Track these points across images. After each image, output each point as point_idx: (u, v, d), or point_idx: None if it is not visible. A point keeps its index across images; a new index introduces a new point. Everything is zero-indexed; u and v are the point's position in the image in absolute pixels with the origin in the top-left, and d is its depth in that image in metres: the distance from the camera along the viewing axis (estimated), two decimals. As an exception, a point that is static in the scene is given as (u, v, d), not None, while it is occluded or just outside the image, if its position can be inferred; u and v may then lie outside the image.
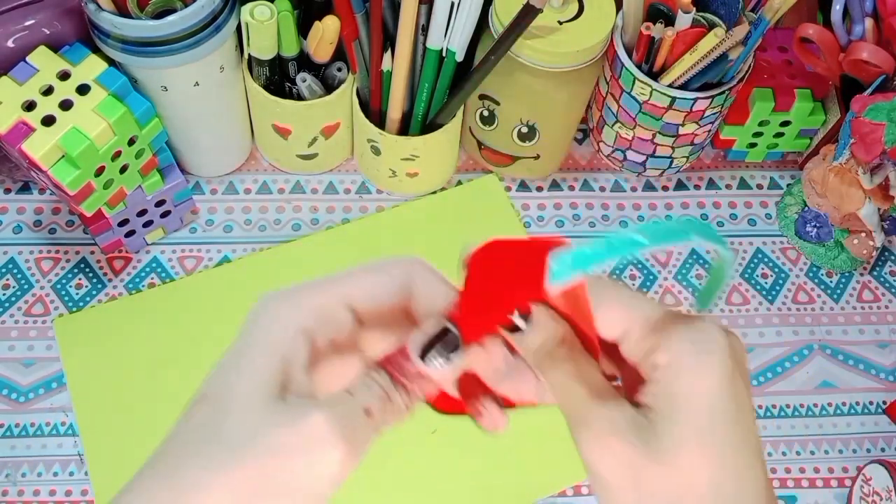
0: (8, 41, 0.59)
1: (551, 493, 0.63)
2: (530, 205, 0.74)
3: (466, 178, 0.75)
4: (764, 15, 0.60)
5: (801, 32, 0.66)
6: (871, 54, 0.63)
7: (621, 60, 0.65)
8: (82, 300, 0.68)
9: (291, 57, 0.65)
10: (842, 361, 0.69)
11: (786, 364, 0.69)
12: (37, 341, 0.66)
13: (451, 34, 0.61)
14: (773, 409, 0.67)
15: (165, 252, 0.70)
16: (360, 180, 0.74)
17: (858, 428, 0.67)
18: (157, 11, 0.58)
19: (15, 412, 0.63)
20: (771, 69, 0.71)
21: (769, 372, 0.69)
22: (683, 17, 0.61)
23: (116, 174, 0.61)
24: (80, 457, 0.62)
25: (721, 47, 0.61)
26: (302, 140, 0.70)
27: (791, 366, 0.69)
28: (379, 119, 0.68)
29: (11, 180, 0.72)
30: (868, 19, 0.65)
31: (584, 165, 0.76)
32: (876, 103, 0.61)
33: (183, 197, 0.68)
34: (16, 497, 0.61)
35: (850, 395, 0.68)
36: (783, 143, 0.75)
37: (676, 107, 0.65)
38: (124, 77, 0.59)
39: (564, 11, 0.63)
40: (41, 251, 0.70)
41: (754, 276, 0.72)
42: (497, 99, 0.67)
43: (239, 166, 0.74)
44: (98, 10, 0.57)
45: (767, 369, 0.69)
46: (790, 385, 0.68)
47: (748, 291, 0.72)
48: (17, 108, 0.57)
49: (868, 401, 0.68)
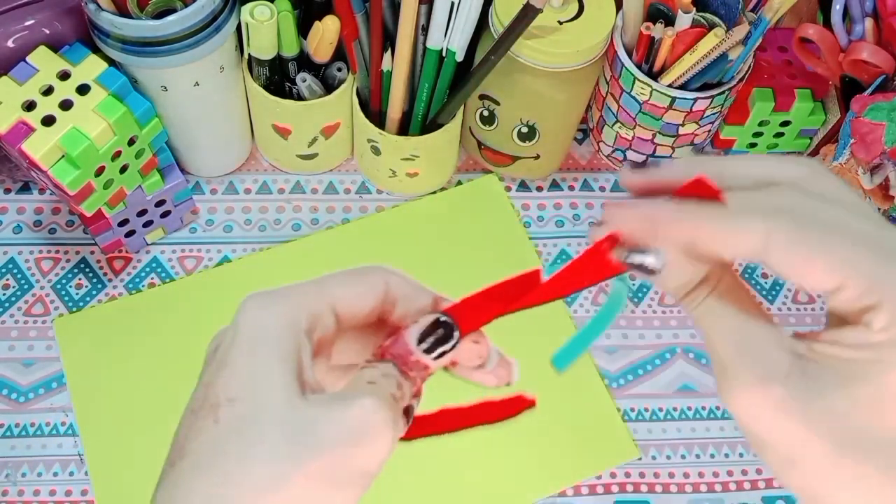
0: (8, 41, 0.59)
1: (551, 493, 0.63)
2: (530, 205, 0.74)
3: (466, 178, 0.75)
4: (764, 15, 0.60)
5: (801, 32, 0.66)
6: (871, 54, 0.63)
7: (621, 60, 0.65)
8: (82, 300, 0.68)
9: (291, 57, 0.65)
10: (842, 361, 0.69)
11: (786, 364, 0.69)
12: (37, 341, 0.66)
13: (451, 34, 0.61)
14: (773, 409, 0.67)
15: (165, 252, 0.70)
16: (360, 180, 0.74)
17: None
18: (157, 11, 0.58)
19: (15, 412, 0.63)
20: (771, 69, 0.71)
21: (769, 372, 0.69)
22: (683, 17, 0.61)
23: (116, 174, 0.61)
24: (80, 457, 0.62)
25: (721, 47, 0.61)
26: (302, 140, 0.70)
27: (791, 366, 0.69)
28: (379, 119, 0.68)
29: (11, 180, 0.72)
30: (868, 19, 0.65)
31: (584, 165, 0.76)
32: (876, 103, 0.61)
33: (183, 197, 0.68)
34: (16, 497, 0.61)
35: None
36: (783, 143, 0.75)
37: (676, 107, 0.65)
38: (124, 77, 0.59)
39: (564, 11, 0.63)
40: (41, 251, 0.70)
41: (754, 276, 0.72)
42: (497, 99, 0.67)
43: (239, 166, 0.74)
44: (98, 10, 0.57)
45: (767, 369, 0.69)
46: (790, 385, 0.68)
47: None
48: (17, 108, 0.57)
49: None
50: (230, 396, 0.30)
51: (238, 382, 0.30)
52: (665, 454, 0.65)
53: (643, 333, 0.69)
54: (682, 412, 0.66)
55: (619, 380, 0.67)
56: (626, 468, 0.64)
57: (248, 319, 0.31)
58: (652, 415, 0.66)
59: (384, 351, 0.32)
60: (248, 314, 0.31)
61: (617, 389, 0.67)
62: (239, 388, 0.30)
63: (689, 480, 0.64)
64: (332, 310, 0.32)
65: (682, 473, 0.64)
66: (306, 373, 0.30)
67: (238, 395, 0.29)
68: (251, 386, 0.30)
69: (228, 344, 0.31)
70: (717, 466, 0.65)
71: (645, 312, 0.70)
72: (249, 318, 0.31)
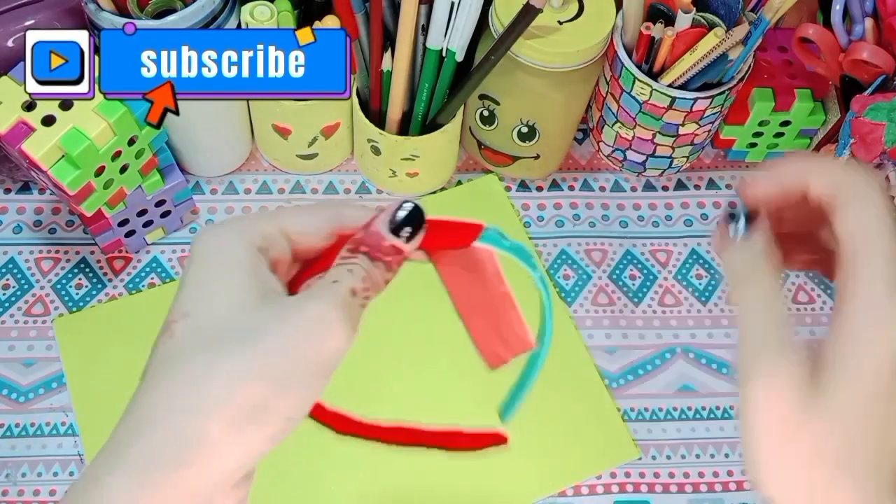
0: (8, 41, 0.59)
1: (551, 493, 0.63)
2: (530, 204, 0.74)
3: (466, 178, 0.75)
4: (764, 15, 0.60)
5: (801, 32, 0.66)
6: (871, 54, 0.63)
7: (621, 60, 0.65)
8: (82, 300, 0.68)
9: (291, 57, 0.65)
10: (842, 361, 0.69)
11: (786, 364, 0.69)
12: (37, 341, 0.66)
13: (451, 34, 0.61)
14: (773, 409, 0.67)
15: (165, 252, 0.70)
16: (360, 180, 0.74)
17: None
18: (157, 11, 0.58)
19: (15, 412, 0.63)
20: (771, 69, 0.71)
21: (769, 372, 0.69)
22: (683, 17, 0.61)
23: (116, 174, 0.61)
24: (80, 457, 0.62)
25: (721, 47, 0.61)
26: (302, 140, 0.70)
27: (791, 366, 0.69)
28: (379, 119, 0.68)
29: (11, 180, 0.72)
30: (868, 19, 0.65)
31: (584, 165, 0.76)
32: (876, 103, 0.61)
33: (183, 197, 0.68)
34: (16, 497, 0.61)
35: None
36: (783, 143, 0.75)
37: (676, 107, 0.65)
38: (124, 77, 0.59)
39: (564, 11, 0.63)
40: (41, 251, 0.70)
41: (754, 276, 0.72)
42: (497, 99, 0.67)
43: (239, 166, 0.74)
44: (98, 10, 0.57)
45: (767, 369, 0.69)
46: (790, 385, 0.68)
47: (748, 291, 0.72)
48: (17, 108, 0.57)
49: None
50: (184, 312, 0.31)
51: (191, 296, 0.31)
52: (665, 454, 0.65)
53: (643, 333, 0.69)
54: (682, 412, 0.66)
55: (619, 380, 0.67)
56: (626, 468, 0.64)
57: (200, 242, 0.32)
58: (652, 415, 0.66)
59: (357, 243, 0.33)
60: (201, 238, 0.32)
61: (617, 389, 0.67)
62: (192, 302, 0.31)
63: (689, 480, 0.64)
64: (285, 233, 0.33)
65: (682, 473, 0.64)
66: (270, 282, 0.31)
67: (192, 309, 0.30)
68: (203, 297, 0.31)
69: (185, 269, 0.32)
70: (717, 466, 0.65)
71: (645, 312, 0.70)
72: (202, 240, 0.32)
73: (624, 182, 0.76)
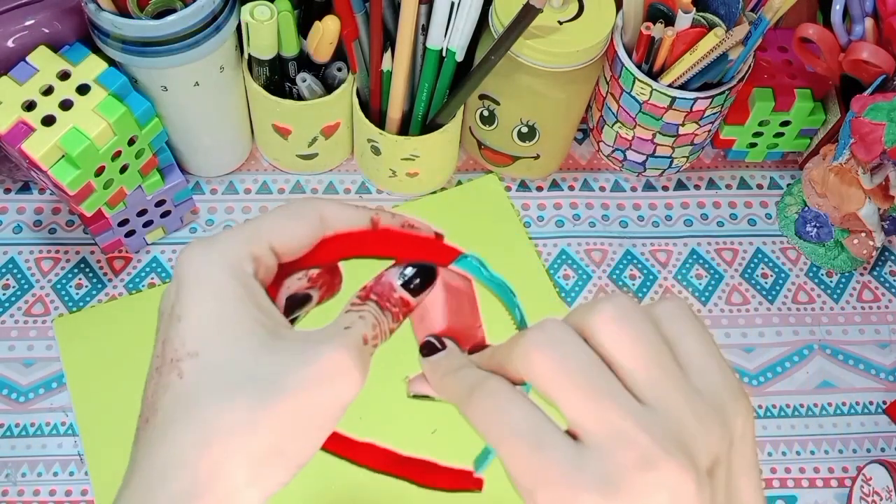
0: (8, 41, 0.59)
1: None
2: (530, 204, 0.74)
3: (466, 178, 0.75)
4: (764, 15, 0.60)
5: (801, 32, 0.66)
6: (871, 54, 0.63)
7: (621, 60, 0.65)
8: (82, 300, 0.68)
9: (291, 57, 0.65)
10: (842, 361, 0.69)
11: (786, 364, 0.69)
12: (37, 341, 0.66)
13: (451, 34, 0.61)
14: (774, 409, 0.67)
15: (165, 252, 0.70)
16: (360, 180, 0.74)
17: (858, 428, 0.67)
18: (157, 11, 0.58)
19: (15, 412, 0.64)
20: (771, 69, 0.71)
21: (769, 372, 0.69)
22: (683, 17, 0.61)
23: (116, 174, 0.61)
24: (80, 457, 0.62)
25: (721, 47, 0.61)
26: (302, 140, 0.70)
27: (791, 366, 0.69)
28: (379, 119, 0.68)
29: (11, 180, 0.72)
30: (868, 19, 0.65)
31: (584, 165, 0.76)
32: (876, 103, 0.61)
33: (183, 197, 0.68)
34: (16, 497, 0.61)
35: (851, 395, 0.68)
36: (783, 143, 0.75)
37: (676, 107, 0.65)
38: (124, 77, 0.59)
39: (564, 11, 0.63)
40: (41, 251, 0.70)
41: (754, 276, 0.72)
42: (497, 99, 0.67)
43: (239, 166, 0.74)
44: (98, 9, 0.57)
45: (767, 369, 0.69)
46: (790, 385, 0.68)
47: (748, 291, 0.72)
48: (17, 108, 0.57)
49: (868, 401, 0.68)
50: (192, 350, 0.30)
51: (195, 335, 0.30)
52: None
53: (643, 333, 0.69)
54: (682, 412, 0.66)
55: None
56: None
57: (191, 266, 0.31)
58: (652, 415, 0.66)
59: (368, 291, 0.34)
60: (188, 265, 0.31)
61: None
62: (199, 341, 0.30)
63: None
64: (271, 248, 0.32)
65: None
66: (273, 313, 0.31)
67: (200, 349, 0.30)
68: (211, 336, 0.30)
69: (174, 297, 0.31)
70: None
71: (645, 312, 0.70)
72: (193, 264, 0.31)
73: (624, 182, 0.76)
